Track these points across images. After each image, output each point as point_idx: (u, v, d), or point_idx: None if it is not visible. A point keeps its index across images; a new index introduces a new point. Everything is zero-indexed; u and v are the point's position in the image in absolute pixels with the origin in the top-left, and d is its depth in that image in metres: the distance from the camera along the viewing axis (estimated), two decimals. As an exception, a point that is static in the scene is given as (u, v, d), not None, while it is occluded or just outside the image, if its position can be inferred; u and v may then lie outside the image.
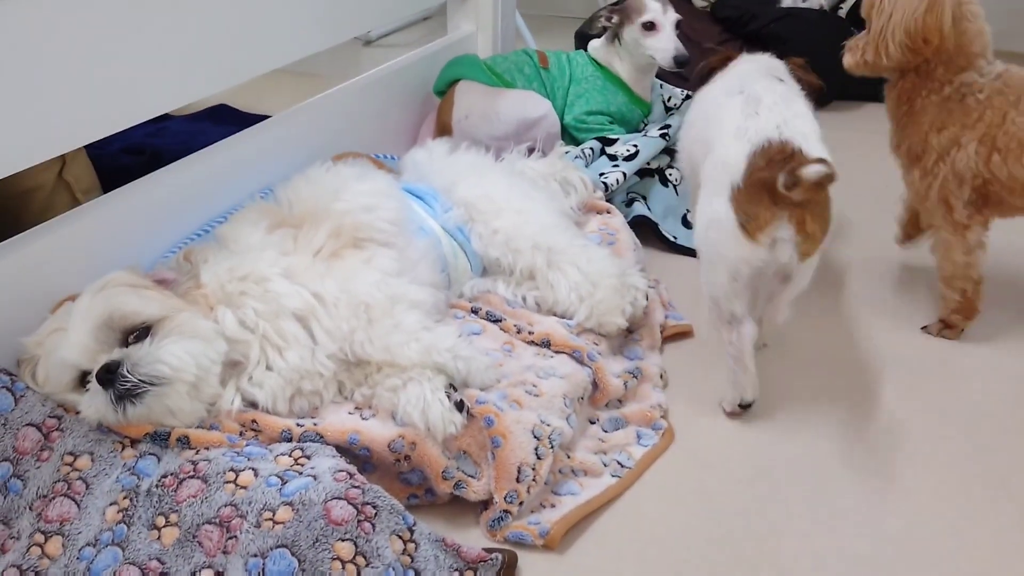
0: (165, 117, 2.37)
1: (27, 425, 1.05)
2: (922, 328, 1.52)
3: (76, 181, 1.59)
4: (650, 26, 1.97)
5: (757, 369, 1.27)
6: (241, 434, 1.12)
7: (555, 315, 1.42)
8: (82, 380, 1.10)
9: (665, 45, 1.97)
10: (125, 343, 1.10)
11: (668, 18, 1.97)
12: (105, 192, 1.44)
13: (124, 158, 1.92)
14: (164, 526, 0.97)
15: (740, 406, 1.30)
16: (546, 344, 1.33)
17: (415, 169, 1.62)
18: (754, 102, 1.25)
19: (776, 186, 1.12)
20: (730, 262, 1.20)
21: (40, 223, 1.29)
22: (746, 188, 1.16)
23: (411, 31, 3.45)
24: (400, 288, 1.25)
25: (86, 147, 1.67)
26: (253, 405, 1.16)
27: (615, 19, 2.01)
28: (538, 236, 1.44)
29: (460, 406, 1.14)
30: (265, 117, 1.79)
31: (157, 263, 1.34)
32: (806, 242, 1.18)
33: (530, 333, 1.36)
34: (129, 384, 1.06)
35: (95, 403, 1.07)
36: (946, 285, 1.47)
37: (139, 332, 1.11)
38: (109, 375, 1.06)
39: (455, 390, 1.16)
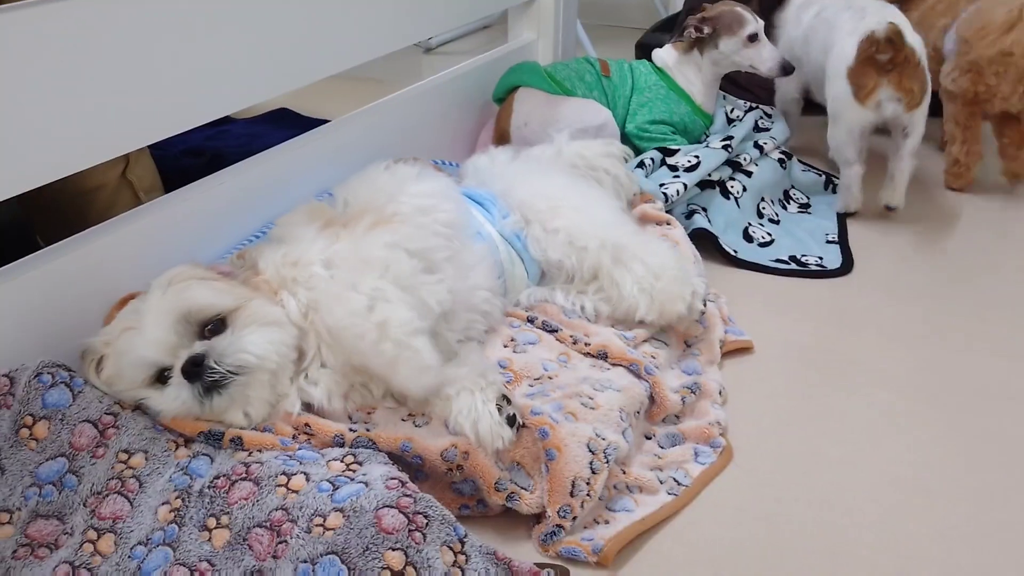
0: (226, 120, 2.40)
1: (84, 421, 1.06)
2: None
3: (139, 181, 1.61)
4: (755, 38, 1.95)
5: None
6: (294, 437, 1.11)
7: (615, 319, 1.41)
8: (159, 376, 1.09)
9: (768, 55, 1.96)
10: (201, 335, 1.10)
11: (760, 28, 1.96)
12: (167, 192, 1.45)
13: (185, 160, 1.94)
14: (215, 527, 0.97)
15: (848, 213, 1.94)
16: (603, 356, 1.31)
17: (476, 174, 1.61)
18: (860, 11, 1.86)
19: (876, 59, 1.73)
20: (848, 121, 1.83)
21: (103, 221, 1.30)
22: (856, 66, 1.77)
23: (471, 39, 3.46)
24: (401, 263, 1.17)
25: (149, 148, 1.70)
26: (307, 408, 1.16)
27: (706, 30, 1.98)
28: (602, 233, 1.40)
29: (511, 420, 1.12)
30: (325, 121, 1.80)
31: (212, 264, 1.34)
32: (907, 97, 1.76)
33: (586, 344, 1.33)
34: (217, 376, 1.06)
35: (180, 396, 1.07)
36: None
37: (214, 324, 1.11)
38: (196, 368, 1.06)
39: (508, 402, 1.13)
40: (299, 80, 1.56)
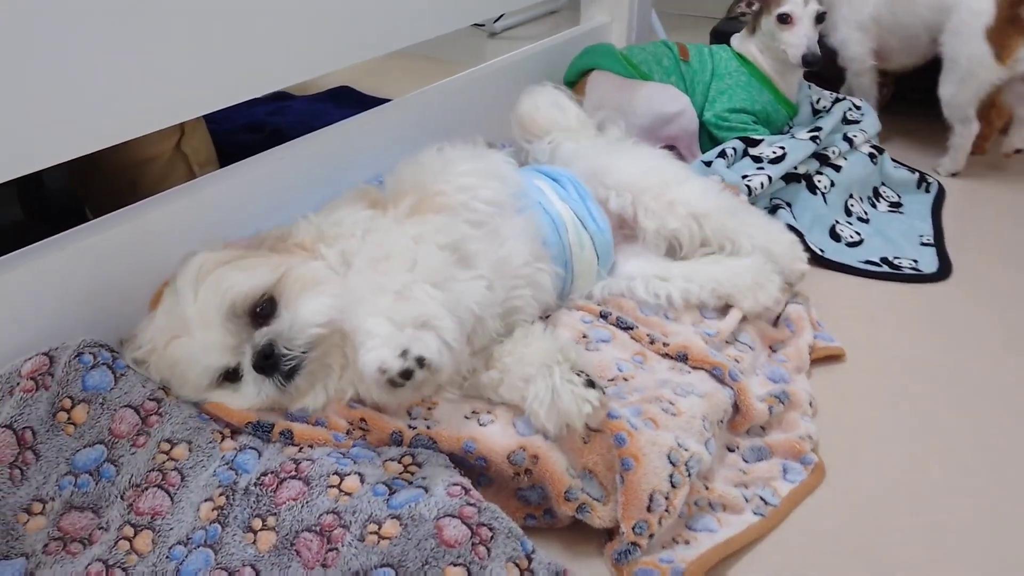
0: (287, 96, 2.34)
1: (125, 407, 0.98)
2: None
3: (194, 153, 1.54)
4: (785, 18, 1.82)
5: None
6: (348, 433, 1.02)
7: (705, 303, 1.34)
8: (225, 375, 1.02)
9: (797, 41, 1.81)
10: (255, 322, 1.02)
11: (807, 11, 1.81)
12: (222, 167, 1.38)
13: (244, 135, 1.88)
14: (260, 529, 0.88)
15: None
16: (683, 358, 1.20)
17: (563, 159, 1.52)
18: None
19: (1020, 17, 1.72)
20: (981, 81, 1.83)
21: (154, 194, 1.24)
22: (997, 25, 1.75)
23: (537, 25, 3.37)
24: (430, 258, 1.04)
25: (208, 122, 1.63)
26: (361, 400, 1.07)
27: (755, 6, 1.85)
28: (715, 200, 1.41)
29: (591, 383, 1.02)
30: (386, 100, 1.73)
31: (230, 241, 1.20)
32: None
33: (665, 344, 1.22)
34: (294, 360, 1.00)
35: (262, 391, 1.00)
36: None
37: (263, 305, 1.02)
38: (268, 360, 0.99)
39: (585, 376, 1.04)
40: (358, 55, 1.50)
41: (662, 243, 1.40)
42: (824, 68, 2.24)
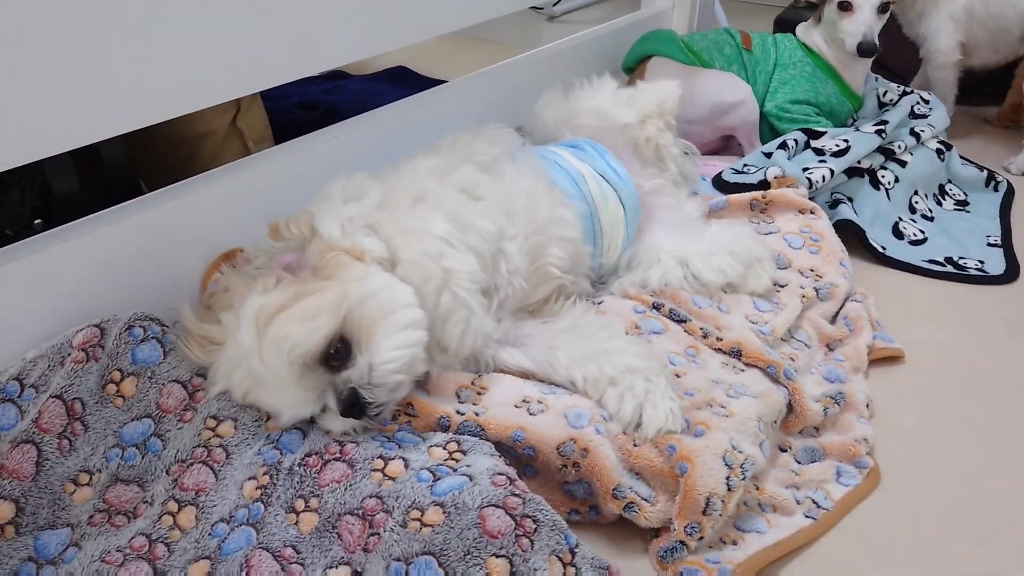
0: (343, 75, 2.34)
1: (173, 381, 0.98)
2: None
3: (249, 129, 1.54)
4: (845, 6, 1.75)
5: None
6: (395, 417, 1.01)
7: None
8: None
9: (855, 29, 1.75)
10: (330, 367, 0.95)
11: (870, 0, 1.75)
12: (277, 144, 1.37)
13: (299, 113, 1.88)
14: (303, 510, 0.88)
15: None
16: (736, 354, 1.17)
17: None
18: None
19: None
20: None
21: (209, 170, 1.24)
22: None
23: (596, 9, 3.32)
24: (447, 195, 1.11)
25: (263, 100, 1.63)
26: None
27: None
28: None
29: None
30: (442, 82, 1.72)
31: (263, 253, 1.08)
32: None
33: (718, 339, 1.19)
34: (381, 406, 0.96)
35: (350, 425, 0.97)
36: None
37: (336, 348, 0.95)
38: (354, 408, 0.94)
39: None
40: (415, 35, 1.48)
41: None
42: (893, 60, 2.18)
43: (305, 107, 1.92)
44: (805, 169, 1.58)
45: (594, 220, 1.29)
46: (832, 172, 1.59)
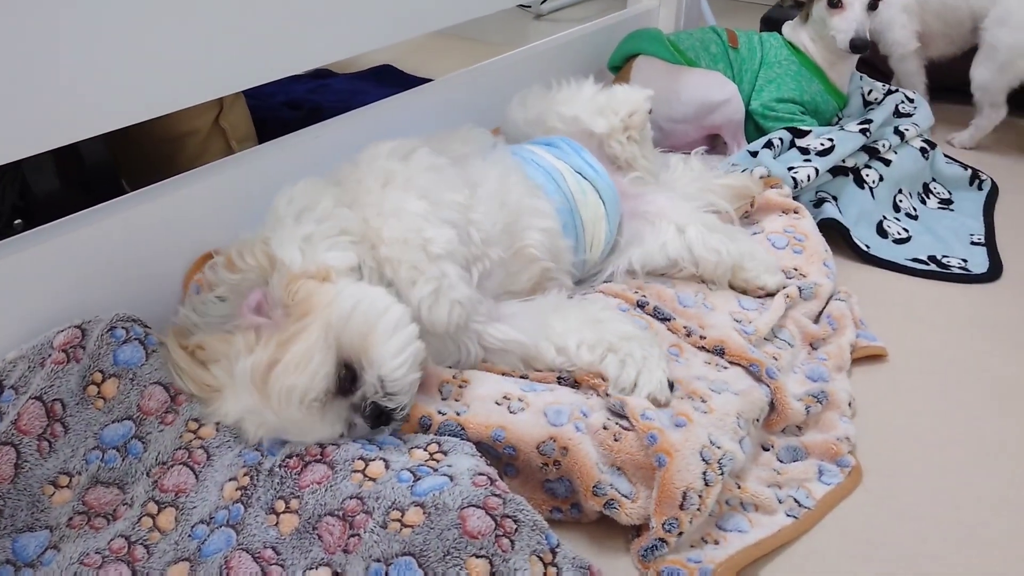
0: (328, 74, 2.33)
1: (155, 384, 0.98)
2: None
3: (232, 129, 1.54)
4: (835, 3, 1.76)
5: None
6: (377, 418, 1.01)
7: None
8: None
9: (846, 25, 1.76)
10: (344, 391, 0.95)
11: None
12: (261, 143, 1.37)
13: (284, 111, 1.87)
14: (283, 512, 0.88)
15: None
16: (719, 352, 1.17)
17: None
18: None
19: None
20: (1019, 71, 1.89)
21: (192, 169, 1.24)
22: None
23: (584, 7, 3.32)
24: (418, 173, 1.13)
25: (247, 99, 1.63)
26: None
27: None
28: None
29: (671, 385, 1.08)
30: (428, 80, 1.71)
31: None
32: None
33: (702, 338, 1.20)
34: (405, 408, 0.99)
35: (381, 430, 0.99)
36: None
37: (343, 375, 0.95)
38: (381, 418, 0.97)
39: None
40: (401, 33, 1.48)
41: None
42: (878, 59, 2.19)
43: (290, 106, 1.91)
44: (790, 168, 1.59)
45: (575, 215, 1.29)
46: (817, 171, 1.60)
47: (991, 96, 1.94)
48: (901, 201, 1.72)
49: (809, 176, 1.58)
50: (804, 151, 1.66)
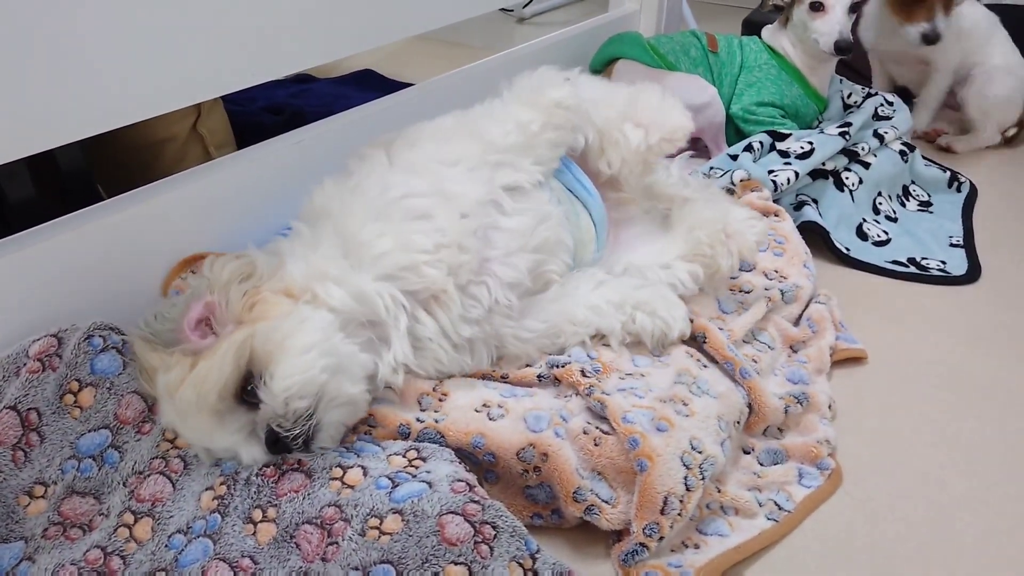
0: (309, 79, 2.33)
1: (132, 392, 0.97)
2: None
3: (210, 135, 1.53)
4: (817, 6, 1.77)
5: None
6: (354, 430, 1.00)
7: None
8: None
9: (829, 28, 1.77)
10: (249, 407, 0.92)
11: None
12: (240, 149, 1.36)
13: (264, 116, 1.86)
14: (261, 521, 0.87)
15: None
16: (702, 339, 1.17)
17: None
18: None
19: None
20: None
21: (170, 175, 1.23)
22: None
23: (566, 11, 3.32)
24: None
25: (227, 104, 1.62)
26: None
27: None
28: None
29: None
30: (409, 85, 1.71)
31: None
32: None
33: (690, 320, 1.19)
34: (299, 435, 0.91)
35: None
36: None
37: (247, 390, 0.91)
38: (278, 444, 0.90)
39: None
40: (382, 37, 1.47)
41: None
42: (859, 63, 2.21)
43: (271, 111, 1.90)
44: (770, 171, 1.59)
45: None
46: (797, 174, 1.60)
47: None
48: (881, 204, 1.73)
49: (789, 179, 1.59)
50: (784, 154, 1.66)
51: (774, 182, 1.57)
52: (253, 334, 0.91)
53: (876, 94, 1.97)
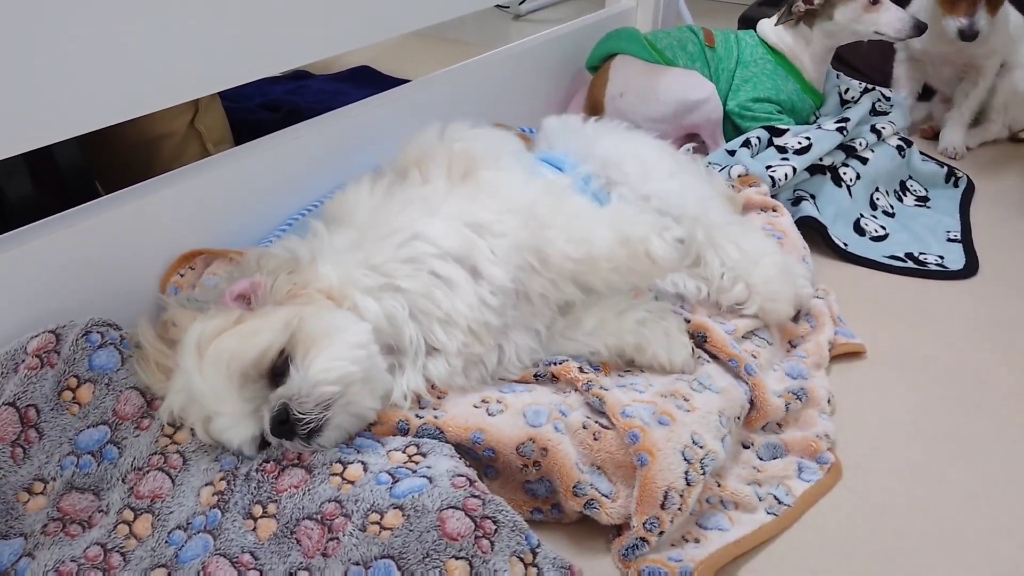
0: (306, 75, 2.32)
1: (131, 388, 0.97)
2: None
3: (208, 131, 1.53)
4: (876, 1, 1.77)
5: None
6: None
7: (718, 307, 1.28)
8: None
9: (900, 16, 1.78)
10: (272, 382, 0.92)
11: None
12: (237, 145, 1.36)
13: (261, 113, 1.86)
14: (261, 516, 0.87)
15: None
16: (702, 338, 1.17)
17: (547, 139, 1.42)
18: None
19: None
20: None
21: (168, 171, 1.23)
22: None
23: (563, 8, 3.32)
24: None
25: (224, 100, 1.62)
26: None
27: (817, 0, 1.80)
28: (697, 206, 1.26)
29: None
30: (407, 81, 1.71)
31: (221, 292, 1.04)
32: None
33: (687, 321, 1.19)
34: (310, 421, 0.91)
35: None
36: None
37: (279, 363, 0.92)
38: (284, 425, 0.90)
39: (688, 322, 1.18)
40: (379, 34, 1.47)
41: None
42: (855, 58, 2.20)
43: (268, 108, 1.90)
44: (768, 167, 1.60)
45: None
46: (795, 170, 1.60)
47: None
48: (878, 199, 1.73)
49: (787, 175, 1.59)
50: (782, 150, 1.67)
51: (772, 177, 1.57)
52: (301, 316, 0.94)
53: (873, 89, 1.97)
